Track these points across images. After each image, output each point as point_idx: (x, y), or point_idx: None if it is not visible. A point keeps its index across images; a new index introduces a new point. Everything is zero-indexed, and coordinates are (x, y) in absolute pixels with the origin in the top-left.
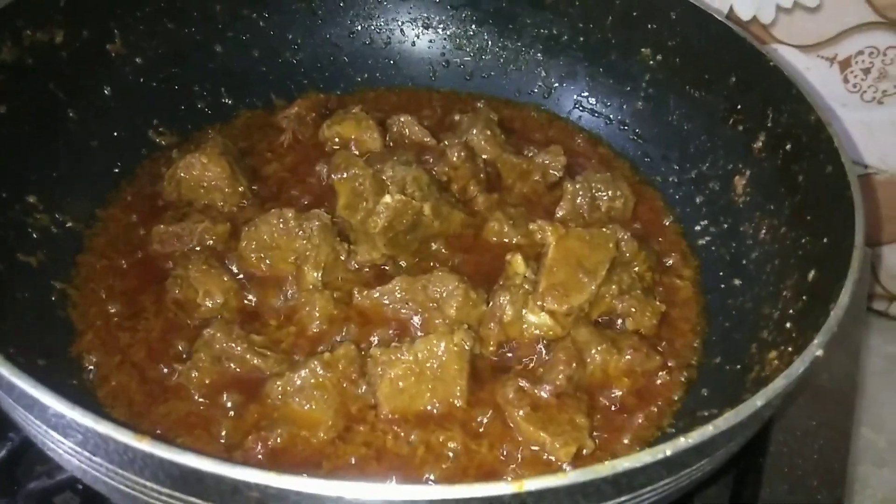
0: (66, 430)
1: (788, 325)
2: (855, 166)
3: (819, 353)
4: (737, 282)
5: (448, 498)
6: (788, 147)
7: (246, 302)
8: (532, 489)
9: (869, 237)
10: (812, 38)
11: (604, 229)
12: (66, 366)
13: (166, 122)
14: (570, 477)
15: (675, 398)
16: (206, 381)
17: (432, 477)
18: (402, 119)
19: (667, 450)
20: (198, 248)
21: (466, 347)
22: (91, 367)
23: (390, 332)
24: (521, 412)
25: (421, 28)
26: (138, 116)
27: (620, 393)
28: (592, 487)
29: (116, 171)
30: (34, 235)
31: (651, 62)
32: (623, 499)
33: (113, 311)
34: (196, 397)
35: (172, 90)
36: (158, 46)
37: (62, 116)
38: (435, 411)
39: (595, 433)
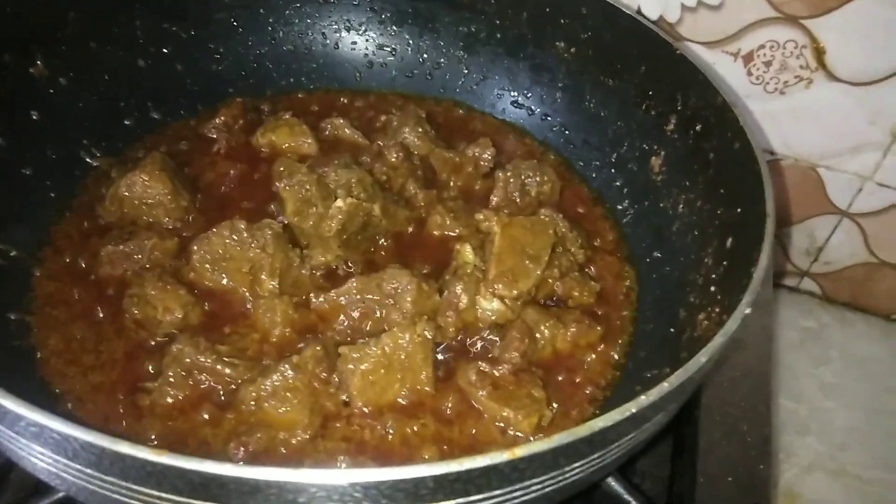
0: (75, 453)
1: (713, 288)
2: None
3: (748, 310)
4: (661, 254)
5: (452, 471)
6: (698, 127)
7: (205, 315)
8: (523, 454)
9: (779, 218)
10: (716, 34)
11: (542, 217)
12: (34, 394)
13: (96, 141)
14: (556, 440)
15: (618, 363)
16: (180, 397)
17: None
18: (335, 122)
19: (632, 408)
20: (148, 266)
21: (429, 336)
22: (60, 394)
23: (349, 329)
24: (483, 392)
25: (342, 31)
26: (68, 138)
27: (570, 363)
28: (573, 448)
29: (53, 195)
30: None
31: (566, 55)
32: (595, 455)
33: (74, 335)
34: (172, 412)
35: (100, 108)
36: (82, 66)
37: None
38: (405, 402)
39: (553, 404)
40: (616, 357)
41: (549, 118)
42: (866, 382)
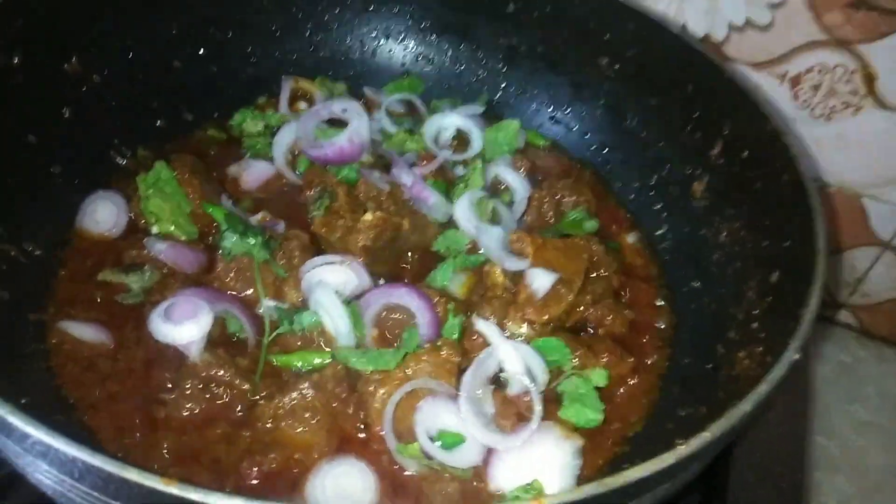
0: (81, 475)
1: (755, 325)
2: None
3: (797, 356)
4: (700, 284)
5: None
6: (745, 154)
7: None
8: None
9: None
10: (763, 55)
11: (577, 239)
12: (49, 402)
13: (127, 141)
14: (585, 490)
15: (650, 398)
16: (196, 410)
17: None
18: None
19: (670, 458)
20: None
21: (455, 360)
22: (74, 402)
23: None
24: (508, 423)
25: (381, 38)
26: (99, 137)
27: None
28: (604, 498)
29: (80, 194)
30: (1, 267)
31: (608, 72)
32: None
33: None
34: (187, 426)
35: (132, 108)
36: (116, 64)
37: (21, 142)
38: None
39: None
40: (646, 391)
41: (587, 136)
42: None
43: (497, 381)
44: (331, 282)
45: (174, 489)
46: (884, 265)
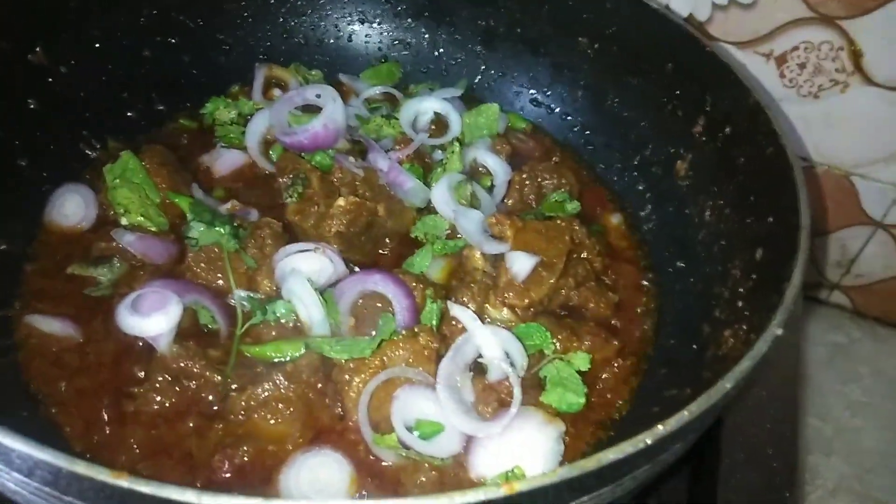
0: (31, 472)
1: (740, 303)
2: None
3: (779, 331)
4: (685, 263)
5: None
6: (728, 130)
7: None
8: (523, 489)
9: (812, 227)
10: (747, 34)
11: (558, 221)
12: (15, 398)
13: (97, 132)
14: (559, 474)
15: (635, 380)
16: (167, 404)
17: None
18: None
19: (647, 439)
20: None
21: (433, 347)
22: (41, 398)
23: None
24: (489, 409)
25: (356, 23)
26: (67, 129)
27: (583, 379)
28: (579, 482)
29: (49, 187)
30: None
31: (588, 51)
32: (605, 489)
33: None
34: (157, 420)
35: (102, 99)
36: (83, 54)
37: None
38: None
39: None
40: (632, 372)
41: (569, 117)
42: None
43: (477, 368)
44: (304, 270)
45: (124, 482)
46: (876, 244)
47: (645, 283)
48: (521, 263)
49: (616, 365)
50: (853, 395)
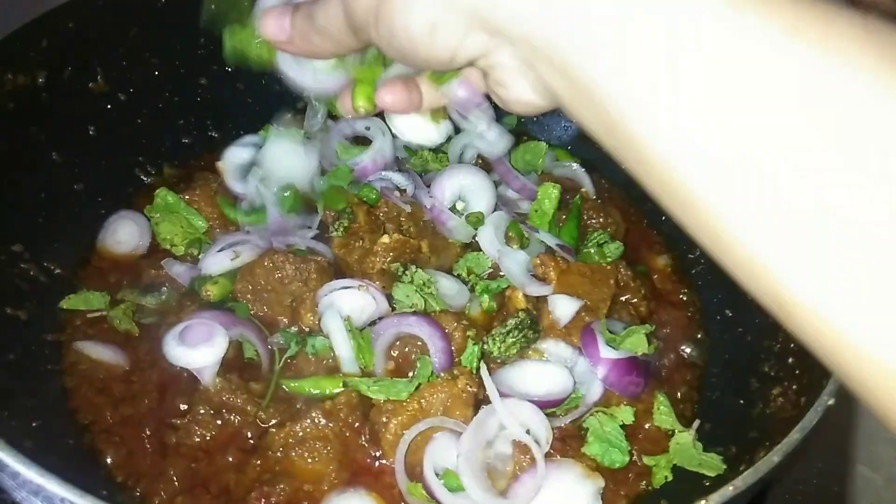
0: None
1: (791, 360)
2: None
3: (831, 402)
4: (734, 313)
5: None
6: None
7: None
8: None
9: None
10: None
11: (603, 263)
12: (61, 425)
13: (152, 158)
14: None
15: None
16: (208, 437)
17: None
18: None
19: None
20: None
21: (471, 391)
22: (87, 425)
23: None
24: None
25: None
26: (124, 155)
27: (625, 429)
28: None
29: (103, 211)
30: (21, 286)
31: None
32: None
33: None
34: (197, 453)
35: (158, 126)
36: (142, 81)
37: (45, 160)
38: None
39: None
40: (688, 423)
41: None
42: None
43: None
44: (346, 307)
45: None
46: None
47: (692, 330)
48: (563, 308)
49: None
50: None
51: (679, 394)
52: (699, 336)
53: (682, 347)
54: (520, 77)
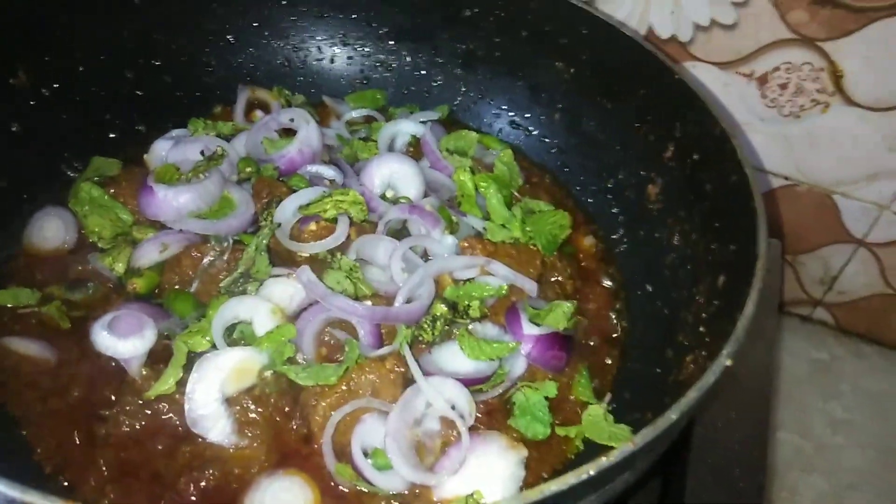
0: None
1: (702, 329)
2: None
3: (728, 363)
4: (653, 287)
5: None
6: (696, 156)
7: (166, 342)
8: None
9: (791, 245)
10: (729, 55)
11: (530, 246)
12: None
13: (78, 154)
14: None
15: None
16: (136, 426)
17: None
18: None
19: (590, 470)
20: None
21: (400, 371)
22: (16, 419)
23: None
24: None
25: (339, 46)
26: (49, 151)
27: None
28: None
29: (29, 207)
30: None
31: (565, 75)
32: None
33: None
34: (127, 442)
35: (83, 120)
36: (66, 76)
37: None
38: None
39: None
40: (600, 395)
41: (546, 140)
42: (879, 419)
43: None
44: (276, 295)
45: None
46: (858, 262)
47: (613, 304)
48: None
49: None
50: (834, 413)
51: (601, 366)
52: (622, 311)
53: (605, 322)
54: None
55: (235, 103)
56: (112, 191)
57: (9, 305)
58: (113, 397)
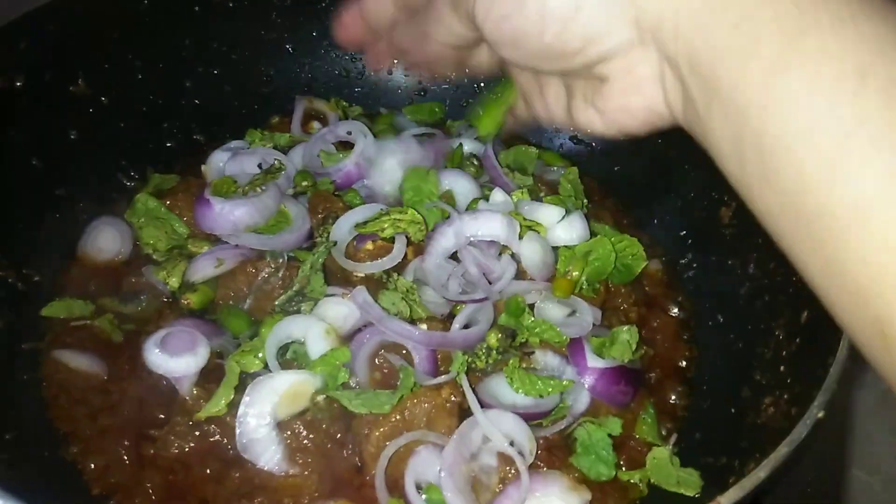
0: None
1: (782, 368)
2: None
3: (820, 415)
4: (725, 318)
5: None
6: None
7: (219, 360)
8: None
9: None
10: None
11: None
12: (37, 436)
13: (135, 162)
14: None
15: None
16: (186, 448)
17: None
18: None
19: None
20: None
21: (455, 400)
22: (64, 436)
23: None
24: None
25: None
26: (106, 159)
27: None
28: None
29: (85, 216)
30: None
31: None
32: None
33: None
34: (175, 465)
35: (141, 129)
36: (125, 85)
37: (25, 165)
38: None
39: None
40: (667, 436)
41: (610, 157)
42: None
43: None
44: (329, 315)
45: None
46: None
47: (682, 336)
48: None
49: (648, 425)
50: None
51: (669, 402)
52: (690, 343)
53: (673, 354)
54: (652, 84)
55: (293, 114)
56: (168, 202)
57: (62, 317)
58: (163, 416)
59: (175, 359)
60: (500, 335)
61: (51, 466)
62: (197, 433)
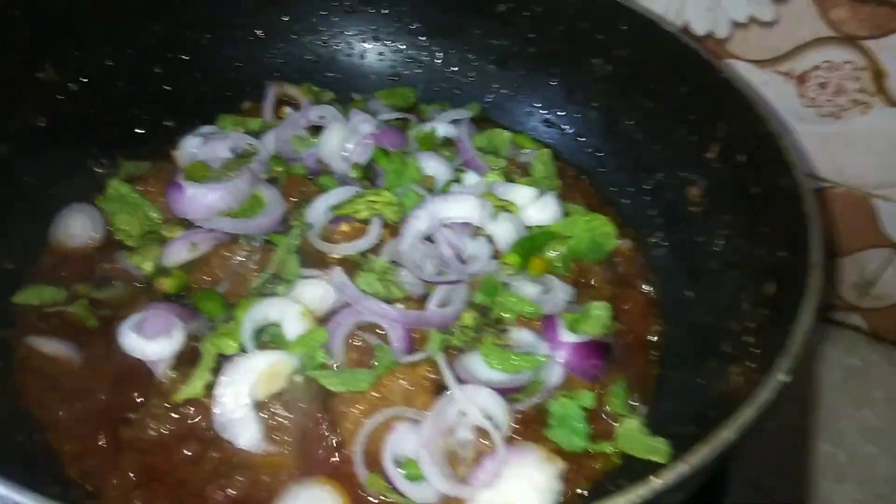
0: None
1: (748, 338)
2: (812, 180)
3: (785, 379)
4: (694, 294)
5: None
6: (741, 158)
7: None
8: None
9: (827, 249)
10: (767, 53)
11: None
12: (11, 422)
13: (105, 149)
14: None
15: (639, 414)
16: (163, 430)
17: None
18: None
19: (640, 491)
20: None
21: (432, 377)
22: (39, 422)
23: None
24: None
25: (369, 41)
26: (76, 146)
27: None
28: None
29: (56, 204)
30: None
31: (601, 72)
32: None
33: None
34: (153, 447)
35: (111, 116)
36: (94, 71)
37: None
38: None
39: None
40: (637, 407)
41: (581, 139)
42: None
43: None
44: (306, 297)
45: None
46: (895, 267)
47: (651, 311)
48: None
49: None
50: (868, 421)
51: (640, 374)
52: (660, 317)
53: (643, 329)
54: None
55: (264, 99)
56: (140, 188)
57: (34, 304)
58: (139, 400)
59: (151, 342)
60: (475, 314)
61: (27, 452)
62: (174, 415)
